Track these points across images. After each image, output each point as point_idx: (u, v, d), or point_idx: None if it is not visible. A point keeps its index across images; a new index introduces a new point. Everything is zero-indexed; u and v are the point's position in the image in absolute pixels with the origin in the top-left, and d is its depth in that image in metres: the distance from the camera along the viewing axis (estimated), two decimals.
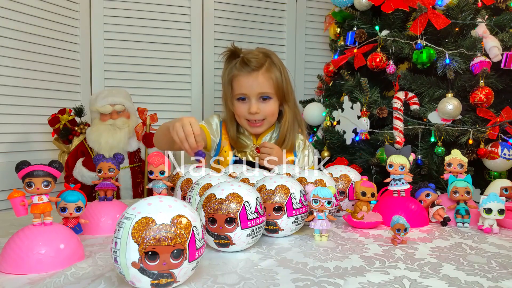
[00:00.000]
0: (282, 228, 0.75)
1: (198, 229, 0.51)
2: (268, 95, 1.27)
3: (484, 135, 1.19)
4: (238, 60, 1.28)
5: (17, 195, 0.61)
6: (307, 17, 2.06)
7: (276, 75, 1.28)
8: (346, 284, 0.53)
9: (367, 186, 0.86)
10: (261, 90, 1.26)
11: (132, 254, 0.46)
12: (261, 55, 1.28)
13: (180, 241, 0.48)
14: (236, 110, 1.30)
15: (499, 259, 0.64)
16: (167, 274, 0.48)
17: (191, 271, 0.51)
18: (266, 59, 1.28)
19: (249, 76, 1.26)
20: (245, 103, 1.28)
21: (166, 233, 0.47)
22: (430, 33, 1.32)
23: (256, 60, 1.26)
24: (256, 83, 1.25)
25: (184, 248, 0.48)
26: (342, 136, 1.45)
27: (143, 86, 1.81)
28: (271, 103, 1.29)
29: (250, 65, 1.25)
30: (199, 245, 0.51)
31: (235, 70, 1.28)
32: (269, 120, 1.31)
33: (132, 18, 1.77)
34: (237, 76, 1.28)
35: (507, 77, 1.27)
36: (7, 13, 1.44)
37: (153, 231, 0.47)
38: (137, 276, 0.47)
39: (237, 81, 1.28)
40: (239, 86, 1.27)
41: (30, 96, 1.54)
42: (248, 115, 1.27)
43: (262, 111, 1.27)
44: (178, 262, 0.48)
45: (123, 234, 0.47)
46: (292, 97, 1.34)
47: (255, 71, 1.26)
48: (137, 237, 0.47)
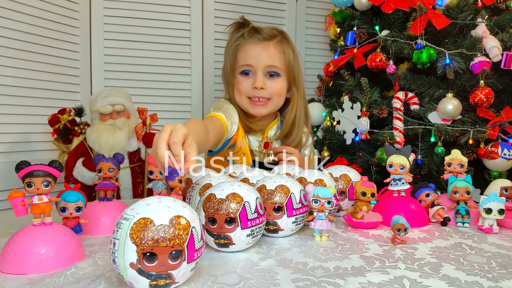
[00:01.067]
0: (282, 228, 0.75)
1: (197, 229, 0.51)
2: (277, 70, 1.12)
3: (484, 135, 1.19)
4: (247, 29, 1.14)
5: (17, 195, 0.61)
6: (307, 17, 2.06)
7: (289, 51, 1.14)
8: (346, 284, 0.53)
9: (367, 186, 0.86)
10: (270, 63, 1.10)
11: (130, 255, 0.46)
12: (273, 29, 1.16)
13: (178, 242, 0.47)
14: (237, 85, 1.13)
15: (499, 259, 0.64)
16: (165, 275, 0.47)
17: (190, 272, 0.50)
18: (279, 33, 1.15)
19: (258, 44, 1.10)
20: (249, 78, 1.12)
21: (164, 234, 0.47)
22: (430, 33, 1.32)
23: (268, 30, 1.12)
24: (266, 53, 1.10)
25: (183, 249, 0.48)
26: (342, 136, 1.45)
27: (143, 86, 1.81)
28: (279, 81, 1.13)
29: (261, 33, 1.11)
30: (198, 246, 0.50)
31: (242, 39, 1.13)
32: (274, 101, 1.14)
33: (132, 18, 1.77)
34: (244, 45, 1.12)
35: (507, 77, 1.27)
36: (7, 13, 1.44)
37: (151, 232, 0.47)
38: (135, 277, 0.47)
39: (243, 50, 1.12)
40: (245, 55, 1.11)
41: (30, 96, 1.54)
42: (251, 90, 1.11)
43: (268, 88, 1.11)
44: (176, 263, 0.48)
45: (121, 235, 0.47)
46: (302, 84, 1.19)
47: (266, 40, 1.11)
48: (135, 238, 0.46)
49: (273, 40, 1.12)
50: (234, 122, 1.14)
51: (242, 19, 1.18)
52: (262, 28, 1.13)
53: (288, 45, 1.16)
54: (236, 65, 1.14)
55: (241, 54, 1.13)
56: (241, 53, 1.13)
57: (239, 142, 1.15)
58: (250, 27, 1.14)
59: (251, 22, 1.18)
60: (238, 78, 1.14)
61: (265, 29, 1.13)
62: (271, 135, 1.23)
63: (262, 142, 1.19)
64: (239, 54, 1.13)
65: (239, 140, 1.15)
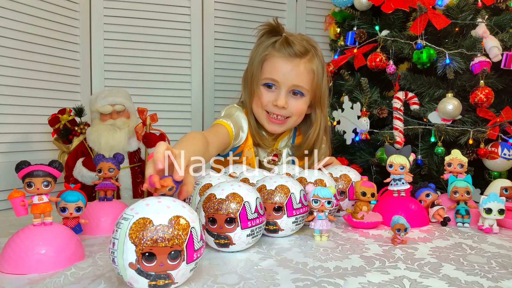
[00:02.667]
0: (282, 228, 0.75)
1: (196, 230, 0.50)
2: (302, 90, 1.07)
3: (484, 135, 1.19)
4: (280, 39, 1.06)
5: (17, 195, 0.60)
6: (307, 17, 2.06)
7: (319, 69, 1.08)
8: (346, 284, 0.53)
9: (367, 186, 0.86)
10: (297, 82, 1.05)
11: (129, 255, 0.46)
12: (305, 41, 1.07)
13: (177, 242, 0.47)
14: (258, 96, 1.08)
15: (499, 259, 0.64)
16: (164, 275, 0.47)
17: (189, 273, 0.50)
18: (311, 48, 1.08)
19: (288, 61, 1.04)
20: (272, 92, 1.07)
21: (163, 234, 0.47)
22: (430, 33, 1.32)
23: (301, 45, 1.05)
24: (295, 72, 1.05)
25: (182, 249, 0.48)
26: (342, 136, 1.45)
27: (143, 86, 1.81)
28: (302, 101, 1.08)
29: (293, 48, 1.04)
30: (197, 246, 0.50)
31: (273, 50, 1.06)
32: (293, 120, 1.10)
33: (132, 18, 1.77)
34: (274, 57, 1.06)
35: (507, 77, 1.27)
36: (7, 13, 1.44)
37: (150, 232, 0.46)
38: (134, 277, 0.47)
39: (272, 62, 1.06)
40: (273, 69, 1.06)
41: (30, 96, 1.54)
42: (272, 107, 1.06)
43: (289, 107, 1.07)
44: (175, 264, 0.47)
45: (120, 235, 0.47)
46: (326, 104, 1.15)
47: (297, 57, 1.05)
48: (134, 238, 0.46)
49: (304, 57, 1.06)
50: (243, 131, 1.10)
51: (276, 22, 1.09)
52: (295, 42, 1.05)
53: (319, 62, 1.09)
54: (261, 76, 1.08)
55: (269, 65, 1.07)
56: (269, 65, 1.07)
57: (246, 152, 1.12)
58: (283, 38, 1.06)
59: (284, 28, 1.10)
60: (260, 89, 1.08)
61: (298, 42, 1.05)
62: (281, 146, 1.18)
63: (272, 153, 1.14)
64: (266, 65, 1.08)
65: (246, 150, 1.11)
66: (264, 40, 1.09)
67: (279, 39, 1.06)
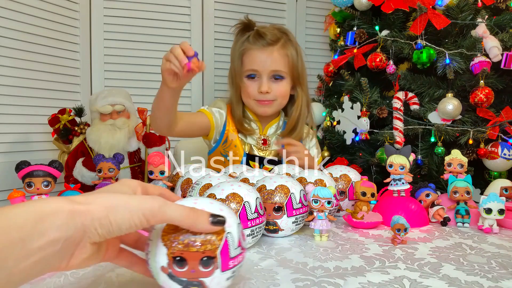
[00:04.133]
0: (282, 228, 0.75)
1: (233, 235, 0.45)
2: (281, 74, 1.17)
3: (484, 135, 1.19)
4: (252, 33, 1.18)
5: (17, 195, 0.61)
6: (307, 17, 2.06)
7: (292, 53, 1.18)
8: (346, 284, 0.53)
9: (367, 186, 0.86)
10: (274, 68, 1.16)
11: (161, 258, 0.43)
12: (276, 30, 1.18)
13: (210, 248, 0.43)
14: (244, 89, 1.19)
15: (499, 259, 0.64)
16: (196, 282, 0.43)
17: (225, 281, 0.45)
18: (283, 35, 1.18)
19: (263, 50, 1.16)
20: (255, 81, 1.18)
21: (194, 238, 0.43)
22: (430, 33, 1.32)
23: (272, 34, 1.16)
24: (270, 59, 1.15)
25: (215, 256, 0.43)
26: (342, 136, 1.45)
27: (143, 86, 1.81)
28: (283, 84, 1.18)
29: (265, 38, 1.15)
30: (234, 254, 0.45)
31: (248, 44, 1.18)
32: (279, 102, 1.20)
33: (132, 18, 1.77)
34: (250, 50, 1.17)
35: (507, 77, 1.27)
36: (7, 13, 1.44)
37: (182, 235, 0.43)
38: (167, 282, 0.44)
39: (249, 55, 1.17)
40: (251, 61, 1.17)
41: (30, 96, 1.54)
42: (257, 95, 1.17)
43: (273, 91, 1.17)
44: (208, 271, 0.43)
45: (154, 236, 0.44)
46: (306, 81, 1.24)
47: (270, 46, 1.15)
48: (166, 241, 0.43)
49: (276, 44, 1.16)
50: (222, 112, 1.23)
51: (247, 19, 1.21)
52: (266, 32, 1.15)
53: (291, 46, 1.19)
54: (242, 69, 1.19)
55: (247, 59, 1.18)
56: (247, 58, 1.18)
57: (230, 135, 1.22)
58: (255, 32, 1.17)
59: (255, 23, 1.21)
60: (245, 82, 1.19)
61: (269, 32, 1.16)
62: (270, 133, 1.26)
63: (260, 139, 1.23)
64: (245, 59, 1.19)
65: (230, 134, 1.22)
66: (240, 37, 1.21)
67: (252, 33, 1.18)
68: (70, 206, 0.36)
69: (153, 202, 0.40)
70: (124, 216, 0.38)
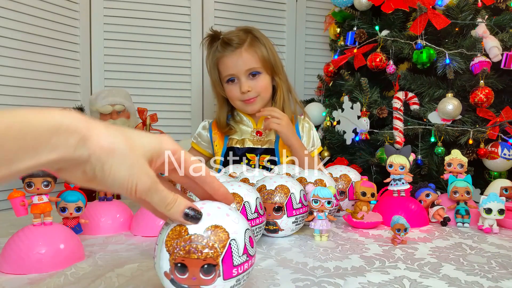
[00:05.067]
0: (282, 228, 0.75)
1: (238, 243, 0.44)
2: (256, 70, 1.23)
3: (484, 135, 1.19)
4: (219, 42, 1.25)
5: (17, 195, 0.61)
6: (307, 17, 2.06)
7: (261, 49, 1.24)
8: (346, 284, 0.53)
9: (367, 186, 0.86)
10: (248, 67, 1.22)
11: (164, 263, 0.43)
12: (241, 32, 1.25)
13: (212, 255, 0.42)
14: (228, 94, 1.27)
15: (499, 259, 0.64)
16: None
17: None
18: (248, 35, 1.25)
19: (233, 55, 1.22)
20: (235, 84, 1.25)
21: (196, 245, 0.42)
22: (430, 33, 1.32)
23: (237, 37, 1.23)
24: (241, 60, 1.22)
25: (217, 263, 0.42)
26: (342, 136, 1.45)
27: (143, 86, 1.81)
28: (261, 78, 1.24)
29: (232, 44, 1.22)
30: (238, 262, 0.44)
31: (218, 53, 1.25)
32: (262, 96, 1.26)
33: (132, 18, 1.77)
34: (221, 58, 1.25)
35: (507, 77, 1.27)
36: (7, 13, 1.44)
37: (184, 241, 0.42)
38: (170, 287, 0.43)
39: (222, 62, 1.25)
40: (225, 67, 1.24)
41: (30, 96, 1.53)
42: (241, 95, 1.24)
43: (253, 88, 1.23)
44: (209, 279, 0.42)
45: (159, 241, 0.44)
46: (282, 70, 1.30)
47: (238, 49, 1.22)
48: (169, 246, 0.43)
49: (243, 45, 1.23)
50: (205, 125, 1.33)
51: (212, 31, 1.28)
52: (231, 38, 1.23)
53: (258, 42, 1.25)
54: (221, 76, 1.27)
55: (222, 66, 1.26)
56: (221, 66, 1.26)
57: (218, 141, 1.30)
58: (221, 40, 1.25)
59: (220, 32, 1.28)
60: (227, 87, 1.27)
61: (234, 36, 1.23)
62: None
63: (254, 131, 1.29)
64: (220, 67, 1.26)
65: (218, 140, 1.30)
66: (210, 49, 1.29)
67: (219, 42, 1.25)
68: (87, 131, 0.36)
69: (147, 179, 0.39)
70: (120, 177, 0.38)
